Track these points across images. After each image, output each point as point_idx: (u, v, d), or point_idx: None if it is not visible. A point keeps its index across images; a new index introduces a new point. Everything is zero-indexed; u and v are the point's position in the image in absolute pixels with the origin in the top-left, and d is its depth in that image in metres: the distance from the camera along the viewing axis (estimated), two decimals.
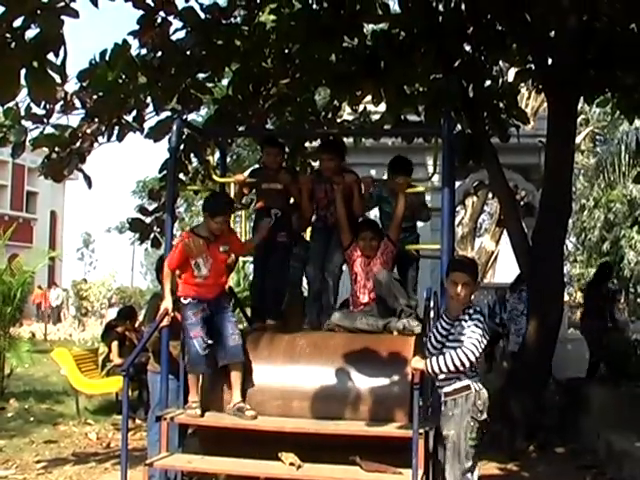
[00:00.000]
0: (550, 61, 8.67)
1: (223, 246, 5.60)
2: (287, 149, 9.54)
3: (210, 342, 5.45)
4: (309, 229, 6.66)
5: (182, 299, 5.49)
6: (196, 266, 5.51)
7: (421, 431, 4.80)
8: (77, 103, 7.66)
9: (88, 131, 7.95)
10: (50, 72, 4.91)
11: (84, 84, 7.48)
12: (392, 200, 6.27)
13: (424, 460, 4.87)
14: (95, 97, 7.61)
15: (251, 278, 21.29)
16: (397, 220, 6.06)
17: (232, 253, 5.84)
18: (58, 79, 5.15)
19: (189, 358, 5.50)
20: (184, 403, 5.60)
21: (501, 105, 9.02)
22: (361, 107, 9.75)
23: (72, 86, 7.52)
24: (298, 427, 5.10)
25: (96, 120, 7.92)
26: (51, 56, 4.88)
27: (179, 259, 5.53)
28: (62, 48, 4.86)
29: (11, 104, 6.92)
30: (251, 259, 7.05)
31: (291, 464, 4.97)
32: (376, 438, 4.95)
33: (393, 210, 6.12)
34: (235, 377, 5.48)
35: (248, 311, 6.75)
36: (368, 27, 9.53)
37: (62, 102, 7.51)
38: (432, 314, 5.47)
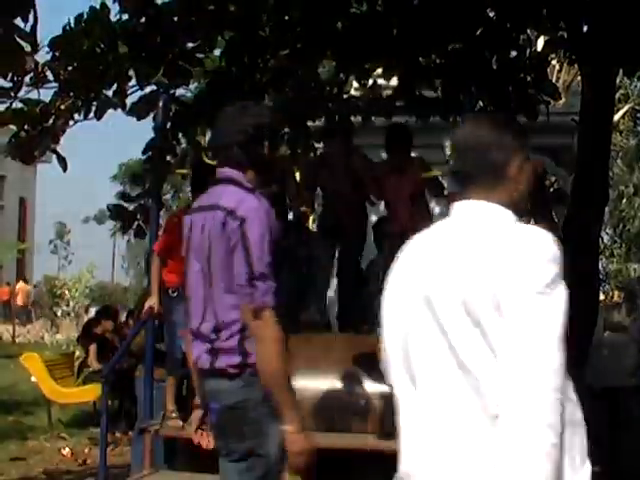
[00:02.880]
0: (585, 28, 8.65)
1: None
2: (289, 129, 9.63)
3: None
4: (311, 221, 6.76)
5: (170, 290, 5.53)
6: None
7: None
8: (49, 75, 7.65)
9: (62, 107, 7.94)
10: (18, 40, 4.91)
11: (57, 53, 7.47)
12: None
13: None
14: (70, 68, 7.60)
15: None
16: None
17: None
18: (27, 47, 5.16)
19: (170, 360, 5.53)
20: None
21: (529, 78, 9.00)
22: (370, 81, 9.74)
23: (43, 56, 7.52)
24: None
25: (71, 94, 7.91)
26: (19, 21, 4.88)
27: (169, 242, 5.58)
28: (32, 12, 4.86)
29: None
30: None
31: None
32: (385, 453, 4.97)
33: None
34: None
35: None
36: None
37: (32, 74, 7.50)
38: None
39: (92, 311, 25.54)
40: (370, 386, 5.35)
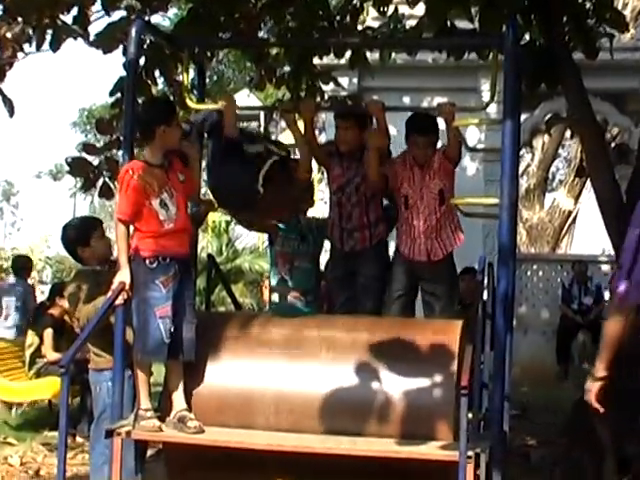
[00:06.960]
0: None
1: (180, 174, 5.74)
2: (290, 68, 9.60)
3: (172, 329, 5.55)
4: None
5: (147, 261, 5.50)
6: (162, 205, 5.57)
7: (470, 453, 4.86)
8: None
9: (8, 35, 7.91)
10: None
11: None
12: None
13: None
14: None
15: (237, 245, 21.15)
16: (454, 142, 6.31)
17: (187, 193, 5.89)
18: None
19: (146, 343, 5.51)
20: None
21: (588, 5, 8.95)
22: (391, 9, 9.70)
23: None
24: (300, 445, 5.18)
25: (19, 20, 7.88)
26: None
27: (135, 202, 5.56)
28: None
29: None
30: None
31: None
32: (408, 461, 5.03)
33: None
34: (178, 376, 5.64)
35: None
36: None
37: None
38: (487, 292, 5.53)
39: (39, 290, 25.50)
40: (388, 380, 5.39)
